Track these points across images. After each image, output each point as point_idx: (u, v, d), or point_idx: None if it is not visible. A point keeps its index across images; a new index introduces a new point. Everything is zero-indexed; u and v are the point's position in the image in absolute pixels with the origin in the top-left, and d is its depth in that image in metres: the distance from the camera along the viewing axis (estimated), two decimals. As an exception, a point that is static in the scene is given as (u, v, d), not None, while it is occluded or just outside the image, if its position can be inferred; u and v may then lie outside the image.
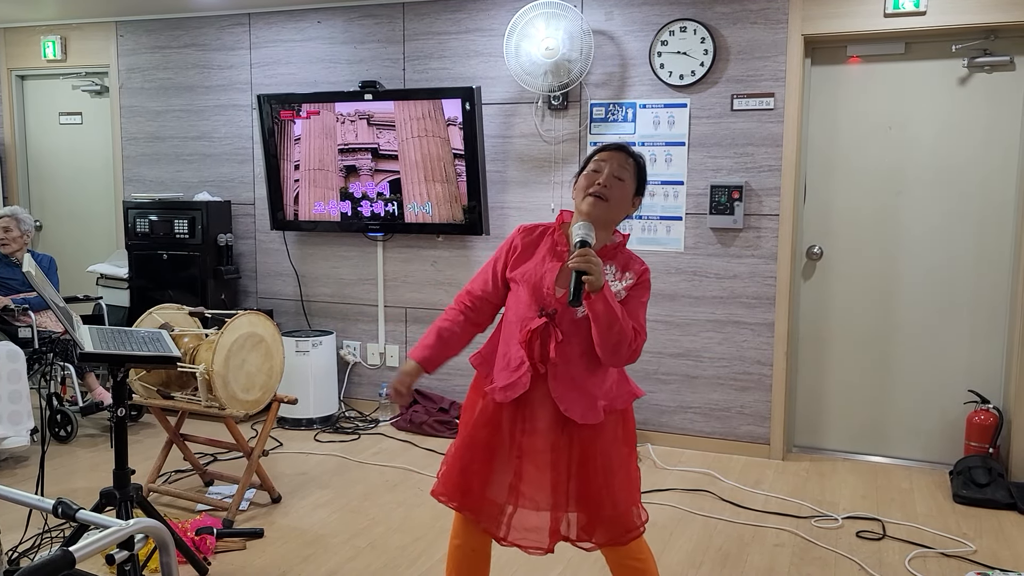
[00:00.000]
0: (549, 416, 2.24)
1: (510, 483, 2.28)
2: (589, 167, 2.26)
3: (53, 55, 5.93)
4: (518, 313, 2.27)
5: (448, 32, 4.92)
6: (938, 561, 3.27)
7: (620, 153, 2.26)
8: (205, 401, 3.55)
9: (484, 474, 2.30)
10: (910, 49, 4.24)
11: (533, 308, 2.23)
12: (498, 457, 2.30)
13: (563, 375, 2.22)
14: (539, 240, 2.33)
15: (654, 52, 4.49)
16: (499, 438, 2.29)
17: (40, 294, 2.68)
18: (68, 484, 4.00)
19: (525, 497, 2.27)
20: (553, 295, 2.22)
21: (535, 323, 2.21)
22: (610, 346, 2.13)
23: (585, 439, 2.25)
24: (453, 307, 2.39)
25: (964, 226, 4.23)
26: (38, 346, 4.61)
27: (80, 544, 1.51)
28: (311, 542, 3.39)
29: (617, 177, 2.22)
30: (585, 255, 2.06)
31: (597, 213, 2.20)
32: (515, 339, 2.26)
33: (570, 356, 2.22)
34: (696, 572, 3.17)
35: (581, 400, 2.22)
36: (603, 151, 2.27)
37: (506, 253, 2.35)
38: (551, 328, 2.20)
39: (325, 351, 5.03)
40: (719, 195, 4.40)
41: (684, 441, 4.62)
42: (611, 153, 2.25)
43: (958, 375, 4.30)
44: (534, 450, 2.26)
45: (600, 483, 2.25)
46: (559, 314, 2.20)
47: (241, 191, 5.53)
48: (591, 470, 2.25)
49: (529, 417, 2.27)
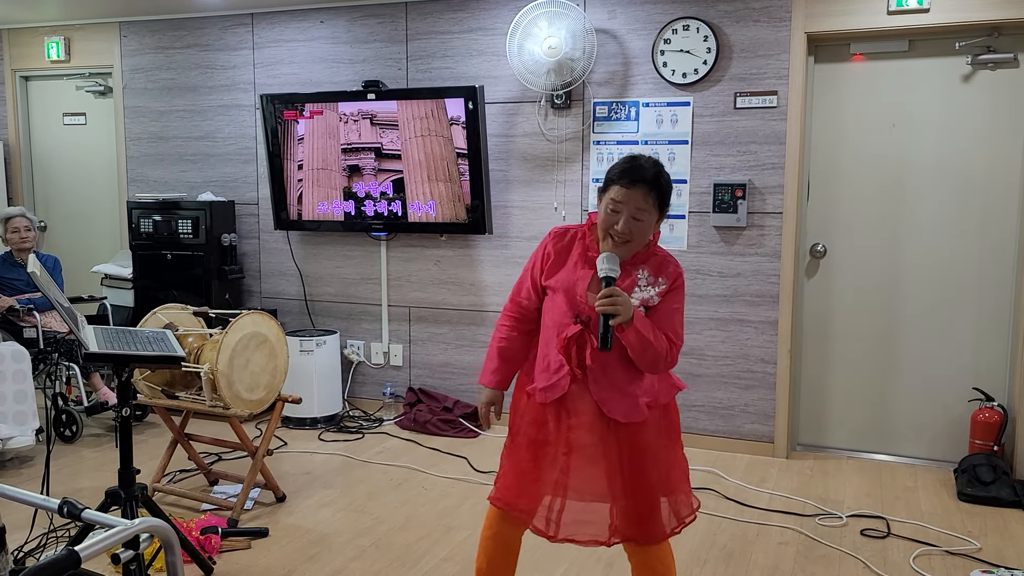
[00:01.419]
0: (592, 412, 2.26)
1: (556, 479, 2.30)
2: (607, 200, 2.20)
3: (57, 56, 5.95)
4: (554, 318, 2.29)
5: (451, 31, 4.92)
6: (943, 559, 3.26)
7: (638, 191, 2.15)
8: (209, 401, 3.56)
9: (535, 472, 2.32)
10: (913, 47, 4.24)
11: (568, 314, 2.25)
12: (546, 453, 2.32)
13: (602, 379, 2.24)
14: (571, 245, 2.32)
15: (657, 50, 4.49)
16: (545, 434, 2.31)
17: (45, 294, 2.68)
18: (73, 484, 4.01)
19: (571, 489, 2.29)
20: (586, 302, 2.22)
21: (571, 330, 2.23)
22: (647, 364, 2.19)
23: (631, 434, 2.26)
24: (504, 322, 2.43)
25: (968, 223, 4.22)
26: (43, 346, 4.62)
27: (85, 543, 1.52)
28: (315, 541, 3.40)
29: (636, 219, 2.16)
30: (611, 297, 2.07)
31: (622, 253, 2.20)
32: (553, 343, 2.28)
33: (607, 361, 2.24)
34: (700, 570, 3.17)
35: (623, 401, 2.24)
36: (619, 183, 2.17)
37: (540, 260, 2.35)
38: (586, 335, 2.22)
39: (329, 350, 5.03)
40: (722, 193, 4.40)
41: (688, 439, 4.62)
42: (628, 192, 2.15)
43: (962, 373, 4.29)
44: (582, 444, 2.27)
45: (651, 476, 2.27)
46: (594, 320, 2.20)
47: (245, 191, 5.54)
48: (640, 464, 2.26)
49: (574, 412, 2.28)
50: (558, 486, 2.30)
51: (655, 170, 2.18)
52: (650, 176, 2.16)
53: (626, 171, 2.17)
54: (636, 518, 2.27)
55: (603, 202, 2.22)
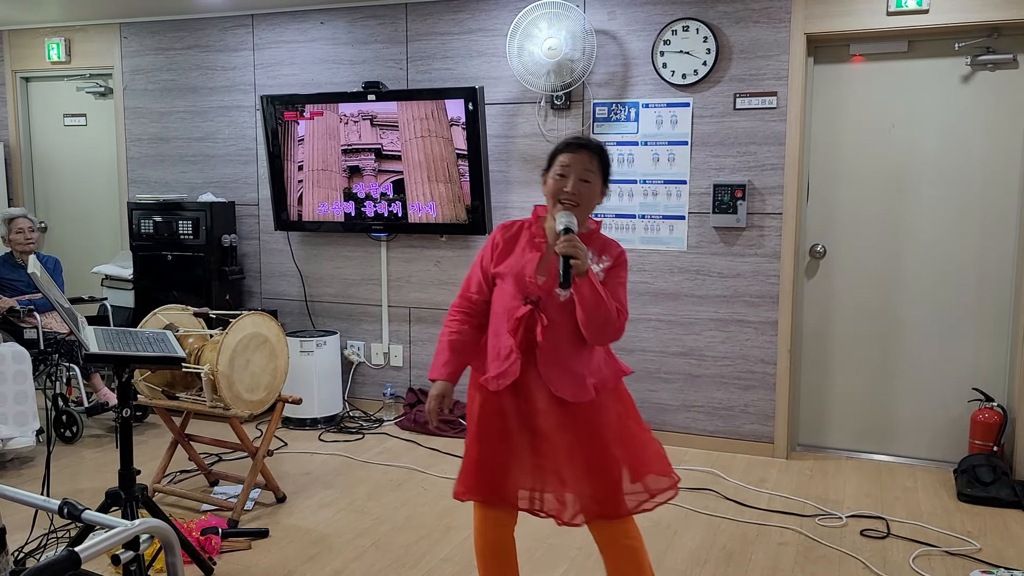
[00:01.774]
0: (546, 397, 2.34)
1: (532, 463, 2.37)
2: (555, 169, 2.34)
3: (57, 57, 5.95)
4: (504, 304, 2.37)
5: (451, 32, 4.92)
6: (942, 559, 3.27)
7: (583, 153, 2.32)
8: (210, 401, 3.56)
9: (502, 462, 2.39)
10: (913, 47, 4.24)
11: (518, 297, 2.33)
12: (511, 442, 2.38)
13: (551, 358, 2.32)
14: (518, 234, 2.43)
15: (656, 51, 4.50)
16: (507, 424, 2.38)
17: (45, 295, 2.69)
18: (73, 484, 4.01)
19: (549, 473, 2.35)
20: (535, 283, 2.32)
21: (521, 311, 2.31)
22: (596, 326, 2.25)
23: (586, 416, 2.33)
24: (453, 317, 2.46)
25: (968, 223, 4.23)
26: (43, 347, 4.63)
27: (86, 544, 1.52)
28: (316, 542, 3.40)
29: (583, 180, 2.30)
30: (571, 240, 2.17)
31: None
32: (503, 330, 2.35)
33: (556, 339, 2.32)
34: (700, 571, 3.17)
35: (571, 380, 2.32)
36: (566, 151, 2.33)
37: (490, 251, 2.44)
38: (536, 314, 2.30)
39: (329, 351, 5.04)
40: (722, 194, 4.40)
41: (688, 440, 4.62)
42: (574, 155, 2.32)
43: (962, 373, 4.30)
44: (544, 427, 2.35)
45: (614, 453, 2.34)
46: (543, 300, 2.31)
47: (245, 192, 5.54)
48: (603, 443, 2.33)
49: (529, 399, 2.35)
50: (537, 471, 2.37)
51: (596, 142, 2.37)
52: (593, 144, 2.35)
53: (570, 142, 2.35)
54: (603, 494, 2.33)
55: (551, 174, 2.35)
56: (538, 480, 2.37)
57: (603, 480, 2.32)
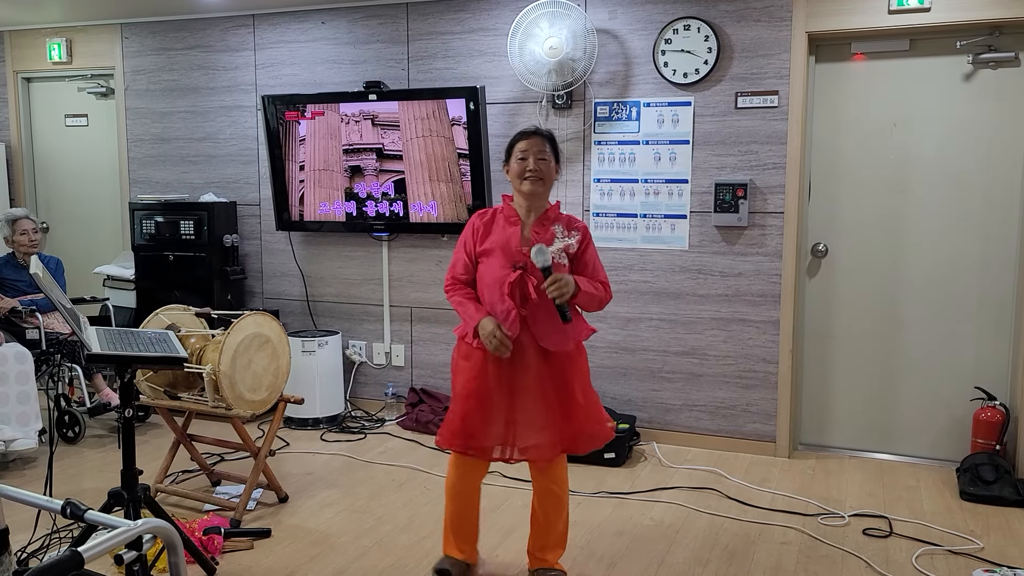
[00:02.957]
0: (532, 354, 2.80)
1: (506, 419, 2.81)
2: (515, 156, 2.83)
3: (59, 57, 5.96)
4: (493, 276, 2.80)
5: (452, 32, 4.92)
6: (945, 558, 3.26)
7: (536, 138, 2.82)
8: (212, 401, 3.56)
9: (483, 417, 2.82)
10: (914, 46, 4.23)
11: (506, 267, 2.77)
12: (492, 401, 2.81)
13: (540, 314, 2.78)
14: (494, 217, 2.88)
15: (658, 50, 4.49)
16: (489, 385, 2.81)
17: (47, 296, 2.69)
18: (76, 485, 4.02)
19: (521, 425, 2.81)
20: (520, 251, 2.77)
21: (512, 276, 2.76)
22: (593, 308, 2.85)
23: (562, 366, 2.82)
24: (455, 286, 2.90)
25: (970, 222, 4.22)
26: (46, 347, 4.63)
27: (89, 544, 1.52)
28: (318, 541, 3.40)
29: (541, 158, 2.80)
30: (557, 284, 2.66)
31: (537, 189, 2.80)
32: (495, 298, 2.78)
33: (544, 297, 2.74)
34: (703, 570, 3.17)
35: (556, 334, 2.79)
36: (521, 140, 2.83)
37: (471, 235, 2.87)
38: (526, 277, 2.76)
39: (331, 351, 5.04)
40: (723, 193, 4.40)
41: (690, 439, 4.62)
42: (529, 141, 2.81)
43: (964, 372, 4.29)
44: (525, 386, 2.81)
45: (580, 401, 2.84)
46: (529, 267, 2.75)
47: (246, 192, 5.54)
48: (572, 391, 2.83)
49: (515, 359, 2.79)
50: (508, 424, 2.81)
51: (546, 129, 2.88)
52: (543, 131, 2.86)
53: (522, 132, 2.86)
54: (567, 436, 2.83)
55: (512, 161, 2.83)
56: (510, 433, 2.81)
57: (570, 423, 2.82)
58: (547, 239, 2.80)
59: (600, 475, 4.16)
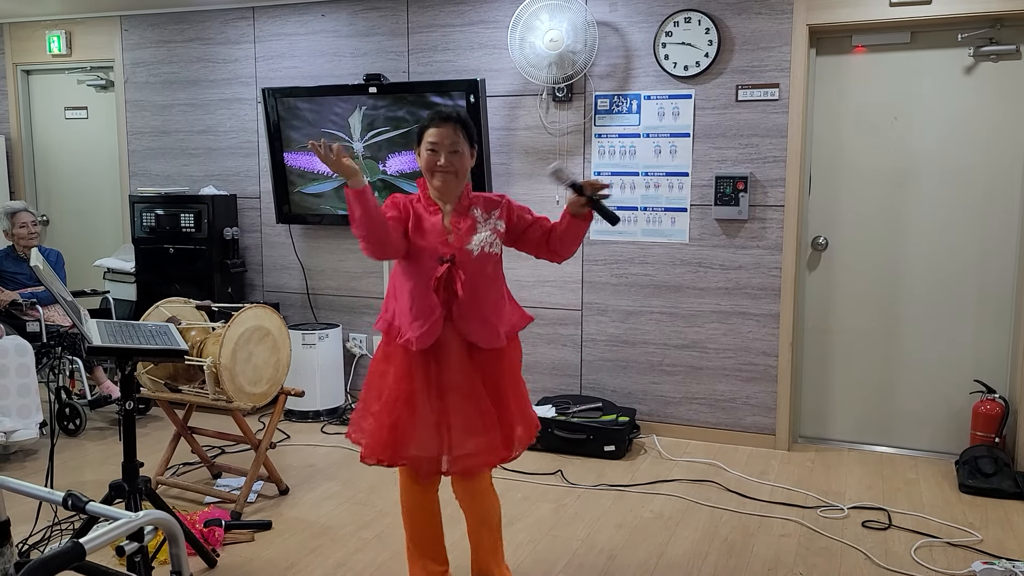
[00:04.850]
0: (457, 351, 2.55)
1: (436, 422, 2.54)
2: (424, 145, 2.52)
3: (58, 50, 5.95)
4: (419, 269, 2.52)
5: (452, 24, 4.91)
6: (944, 551, 3.27)
7: (447, 127, 2.50)
8: (212, 394, 3.57)
9: (412, 423, 2.55)
10: (915, 38, 4.23)
11: (432, 259, 2.50)
12: (420, 403, 2.55)
13: (468, 311, 2.52)
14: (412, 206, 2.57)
15: (658, 43, 4.48)
16: (415, 386, 2.55)
17: (48, 288, 2.69)
18: (77, 477, 4.03)
19: (456, 429, 2.53)
20: (444, 240, 2.52)
21: (439, 270, 2.49)
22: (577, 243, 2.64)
23: (491, 363, 2.58)
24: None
25: (970, 215, 4.22)
26: (46, 340, 4.64)
27: (90, 536, 1.52)
28: (319, 534, 3.41)
29: (453, 151, 2.51)
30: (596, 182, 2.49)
31: (450, 184, 2.53)
32: (420, 292, 2.51)
33: (474, 292, 2.52)
34: (702, 562, 3.18)
35: (485, 329, 2.55)
36: (431, 126, 2.51)
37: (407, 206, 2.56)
38: (454, 271, 2.50)
39: (331, 344, 5.04)
40: (724, 186, 4.40)
41: (690, 432, 4.63)
42: (440, 130, 2.50)
43: (964, 365, 4.30)
44: (454, 385, 2.55)
45: (511, 400, 2.60)
46: (457, 257, 2.51)
47: (247, 185, 5.54)
48: (503, 389, 2.59)
49: (442, 358, 2.54)
50: (441, 427, 2.54)
51: (456, 111, 2.56)
52: (453, 115, 2.53)
53: (433, 117, 2.53)
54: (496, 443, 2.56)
55: (421, 149, 2.53)
56: (444, 440, 2.53)
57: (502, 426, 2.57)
58: (469, 227, 2.54)
59: (600, 467, 4.17)
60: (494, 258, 2.58)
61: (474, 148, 2.59)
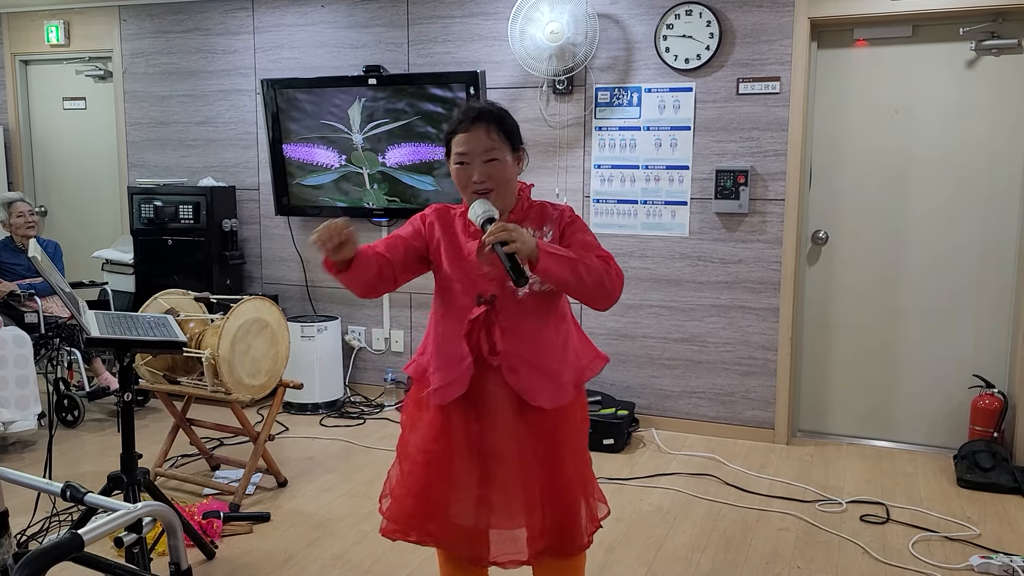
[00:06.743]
0: (507, 408, 2.00)
1: (477, 496, 2.02)
2: (453, 157, 1.98)
3: (56, 40, 5.92)
4: (454, 303, 2.02)
5: (452, 16, 4.89)
6: (942, 545, 3.28)
7: (478, 130, 1.93)
8: (211, 386, 3.56)
9: (445, 493, 2.02)
10: (917, 32, 4.21)
11: (469, 294, 1.99)
12: (457, 469, 2.02)
13: (518, 363, 1.97)
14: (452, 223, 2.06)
15: (659, 36, 4.47)
16: (453, 448, 2.02)
17: (46, 279, 2.68)
18: (76, 468, 4.02)
19: (497, 508, 2.02)
20: (485, 276, 1.97)
21: (475, 312, 1.97)
22: (589, 289, 1.86)
23: (551, 425, 2.01)
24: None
25: (970, 210, 4.21)
26: (44, 331, 4.63)
27: (88, 527, 1.52)
28: (317, 526, 3.41)
29: (487, 161, 1.94)
30: (497, 227, 1.78)
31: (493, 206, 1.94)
32: (454, 333, 2.01)
33: (521, 340, 1.98)
34: (700, 556, 3.18)
35: (546, 383, 1.99)
36: (459, 131, 1.95)
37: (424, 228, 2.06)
38: (493, 315, 1.97)
39: (330, 336, 5.04)
40: (724, 180, 4.39)
41: (688, 426, 4.63)
42: (468, 135, 1.94)
43: (963, 359, 4.29)
44: (498, 451, 2.01)
45: (571, 475, 2.03)
46: (499, 298, 1.97)
47: (245, 176, 5.53)
48: (560, 461, 2.02)
49: (485, 415, 2.01)
50: (482, 504, 2.02)
51: (489, 106, 1.98)
52: (485, 110, 1.96)
53: (460, 119, 1.97)
54: (557, 528, 2.01)
55: (451, 161, 1.98)
56: (482, 516, 2.02)
57: (560, 508, 2.01)
58: None
59: (599, 461, 4.17)
60: (548, 295, 2.01)
61: (519, 150, 2.01)
